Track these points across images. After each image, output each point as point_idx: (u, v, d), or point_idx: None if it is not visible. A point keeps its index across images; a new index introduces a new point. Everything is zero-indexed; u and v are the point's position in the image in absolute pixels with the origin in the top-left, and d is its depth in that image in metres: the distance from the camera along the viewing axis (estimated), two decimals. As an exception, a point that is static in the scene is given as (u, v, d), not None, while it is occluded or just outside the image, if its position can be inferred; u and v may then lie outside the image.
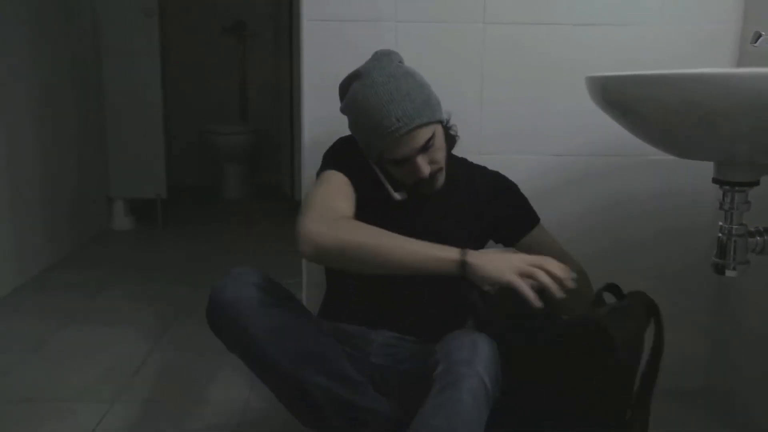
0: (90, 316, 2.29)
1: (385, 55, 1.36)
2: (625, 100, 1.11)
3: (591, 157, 1.67)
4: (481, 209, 1.43)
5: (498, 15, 1.60)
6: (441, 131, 1.33)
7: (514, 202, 1.47)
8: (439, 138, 1.31)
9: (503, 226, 1.45)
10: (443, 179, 1.35)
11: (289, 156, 3.80)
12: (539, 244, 1.43)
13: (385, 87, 1.27)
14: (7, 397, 1.70)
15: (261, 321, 1.18)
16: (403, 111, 1.25)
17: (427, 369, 1.14)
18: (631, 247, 1.71)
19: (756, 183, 1.13)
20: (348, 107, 1.34)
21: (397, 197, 1.36)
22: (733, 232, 1.14)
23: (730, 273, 1.16)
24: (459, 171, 1.43)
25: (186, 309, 2.33)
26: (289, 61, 3.59)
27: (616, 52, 1.61)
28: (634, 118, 1.14)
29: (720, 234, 1.16)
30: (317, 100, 1.61)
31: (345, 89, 1.37)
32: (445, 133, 1.35)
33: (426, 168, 1.29)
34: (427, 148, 1.29)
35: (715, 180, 1.15)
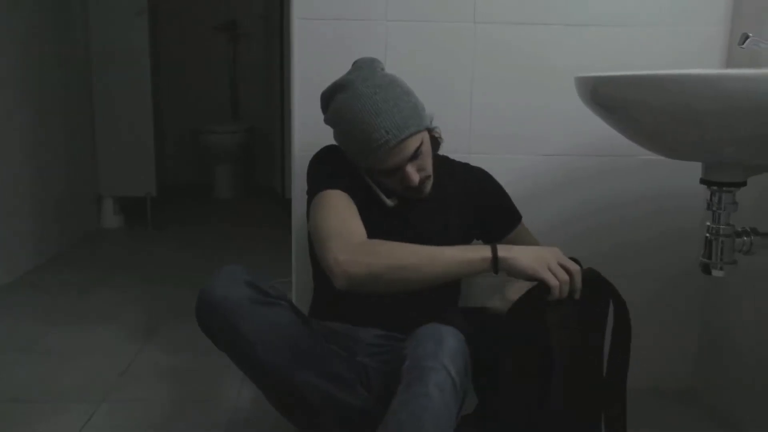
0: (78, 315, 2.28)
1: (367, 65, 1.34)
2: (614, 100, 1.12)
3: (581, 157, 1.67)
4: (467, 207, 1.43)
5: (488, 15, 1.60)
6: (428, 137, 1.33)
7: (498, 200, 1.48)
8: (427, 144, 1.31)
9: (488, 223, 1.46)
10: (431, 185, 1.35)
11: (281, 155, 3.79)
12: (521, 242, 1.44)
13: (372, 99, 1.25)
14: (-6, 397, 1.70)
15: (251, 320, 1.17)
16: (392, 122, 1.24)
17: (400, 366, 1.14)
18: (620, 247, 1.71)
19: (743, 184, 1.13)
20: (334, 120, 1.33)
21: (390, 203, 1.36)
22: (721, 232, 1.15)
23: (717, 273, 1.16)
24: (443, 171, 1.43)
25: (175, 309, 2.32)
26: (281, 61, 3.58)
27: (606, 52, 1.62)
28: (622, 118, 1.14)
29: (707, 234, 1.17)
30: (308, 98, 1.60)
31: (327, 100, 1.35)
32: (431, 137, 1.35)
33: (416, 176, 1.29)
34: (417, 156, 1.29)
35: (703, 180, 1.15)
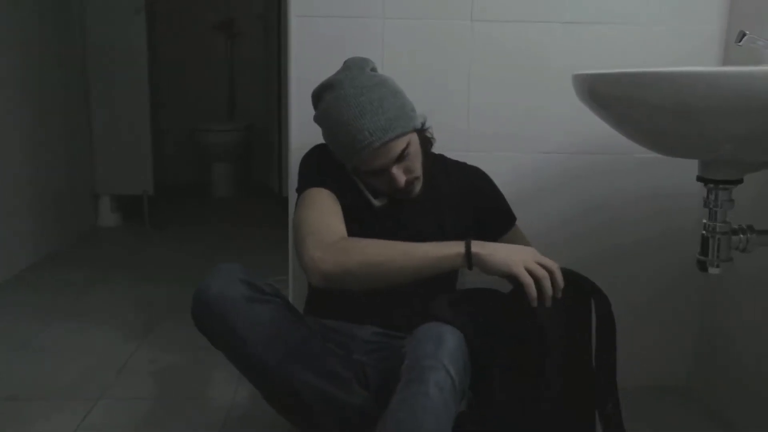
0: (75, 313, 2.27)
1: (356, 65, 1.33)
2: (611, 97, 1.12)
3: (578, 156, 1.67)
4: (463, 207, 1.43)
5: (485, 12, 1.60)
6: (416, 139, 1.32)
7: (494, 201, 1.47)
8: (415, 146, 1.31)
9: (483, 224, 1.44)
10: (420, 186, 1.35)
11: (278, 154, 3.79)
12: (514, 242, 1.42)
13: (357, 99, 1.25)
14: (-9, 395, 1.69)
15: (248, 318, 1.17)
16: (376, 124, 1.24)
17: (398, 364, 1.14)
18: (617, 245, 1.71)
19: (739, 181, 1.14)
20: (321, 119, 1.33)
21: (377, 203, 1.36)
22: (717, 229, 1.15)
23: (713, 270, 1.17)
24: (438, 170, 1.43)
25: (172, 307, 2.31)
26: (278, 59, 3.58)
27: (603, 50, 1.61)
28: (619, 115, 1.14)
29: (704, 231, 1.17)
30: (305, 96, 1.58)
31: (316, 99, 1.35)
32: (421, 138, 1.35)
33: (402, 178, 1.29)
34: (403, 158, 1.29)
35: (700, 178, 1.15)
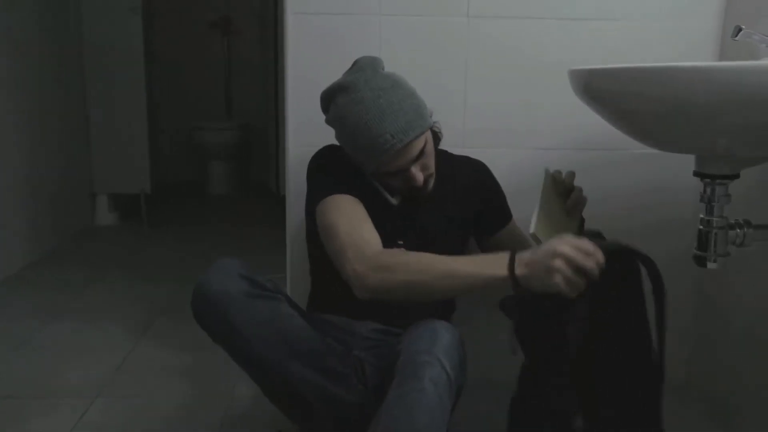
0: (73, 312, 2.27)
1: (369, 65, 1.32)
2: (607, 93, 1.12)
3: (575, 151, 1.67)
4: (466, 200, 1.44)
5: (482, 9, 1.60)
6: (431, 136, 1.33)
7: (494, 195, 1.48)
8: (430, 143, 1.31)
9: (483, 218, 1.46)
10: (432, 182, 1.35)
11: (275, 152, 3.79)
12: (512, 238, 1.46)
13: (376, 102, 1.24)
14: (-11, 394, 1.69)
15: (246, 313, 1.17)
16: (397, 126, 1.24)
17: (395, 362, 1.15)
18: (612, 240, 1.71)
19: (736, 176, 1.14)
20: (336, 122, 1.31)
21: (394, 202, 1.36)
22: (714, 224, 1.15)
23: (711, 265, 1.17)
24: (443, 166, 1.43)
25: (170, 305, 2.31)
26: (275, 58, 3.57)
27: (599, 46, 1.61)
28: (615, 111, 1.14)
29: (701, 226, 1.17)
30: (302, 94, 1.60)
31: (328, 101, 1.33)
32: (433, 134, 1.35)
33: (420, 176, 1.29)
34: (421, 156, 1.29)
35: (696, 173, 1.15)
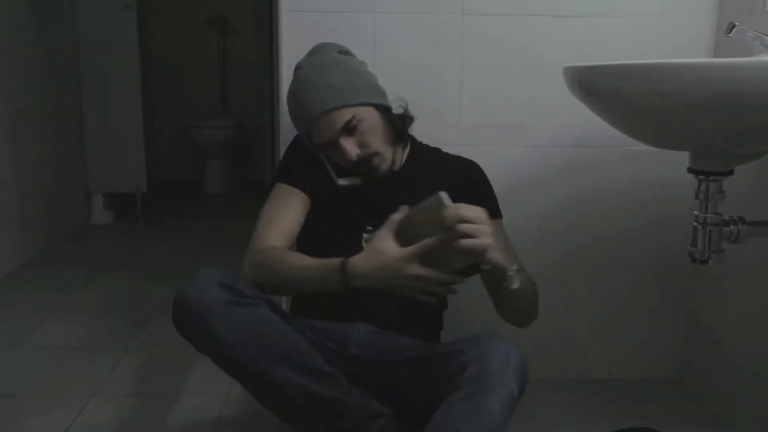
0: (69, 311, 2.27)
1: (319, 49, 1.40)
2: (602, 90, 1.12)
3: (569, 149, 1.67)
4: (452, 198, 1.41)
5: (476, 6, 1.60)
6: (374, 115, 1.33)
7: (479, 191, 1.44)
8: (369, 122, 1.32)
9: None
10: (385, 165, 1.36)
11: (271, 150, 3.78)
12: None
13: (308, 76, 1.33)
14: (-16, 393, 1.69)
15: (227, 321, 1.17)
16: (318, 96, 1.30)
17: (446, 369, 1.16)
18: (608, 237, 1.72)
19: (730, 172, 1.14)
20: (287, 102, 1.40)
21: (341, 183, 1.37)
22: (708, 221, 1.16)
23: (705, 262, 1.17)
24: (426, 159, 1.44)
25: (166, 304, 2.27)
26: (270, 55, 3.56)
27: (593, 43, 1.61)
28: (610, 108, 1.14)
29: (695, 223, 1.17)
30: (296, 91, 1.60)
31: None
32: (385, 119, 1.36)
33: (352, 150, 1.30)
34: (350, 130, 1.30)
35: (690, 170, 1.16)
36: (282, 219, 1.35)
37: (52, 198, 3.07)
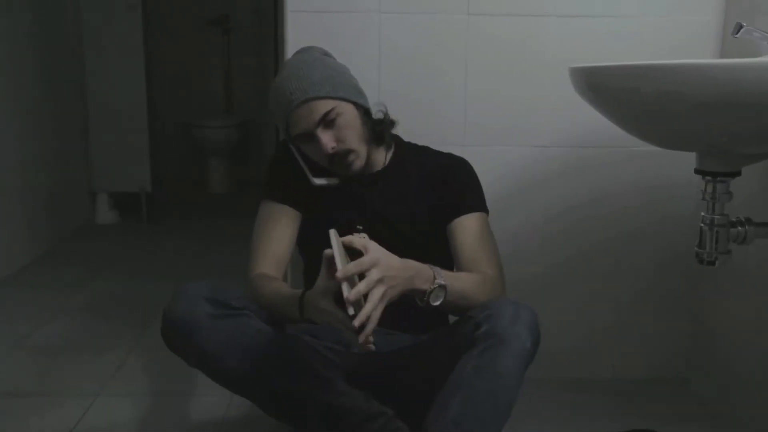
0: (73, 311, 2.27)
1: (305, 49, 1.41)
2: (608, 90, 1.12)
3: (575, 149, 1.67)
4: (428, 191, 1.40)
5: (482, 6, 1.59)
6: (353, 113, 1.33)
7: (458, 185, 1.40)
8: (347, 117, 1.32)
9: (441, 206, 1.38)
10: (360, 163, 1.35)
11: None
12: (462, 235, 1.35)
13: (290, 69, 1.34)
14: (-11, 393, 1.69)
15: (213, 334, 1.19)
16: (297, 85, 1.30)
17: (459, 333, 1.17)
18: (613, 238, 1.71)
19: (737, 173, 1.14)
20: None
21: (316, 182, 1.38)
22: (715, 222, 1.16)
23: (712, 263, 1.17)
24: (412, 158, 1.44)
25: (170, 303, 2.31)
26: (274, 55, 3.57)
27: (599, 43, 1.61)
28: (616, 108, 1.14)
29: (702, 224, 1.17)
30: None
31: None
32: (363, 119, 1.36)
33: (328, 143, 1.30)
34: (328, 123, 1.30)
35: (697, 171, 1.15)
36: (269, 242, 1.38)
37: (56, 198, 3.07)
